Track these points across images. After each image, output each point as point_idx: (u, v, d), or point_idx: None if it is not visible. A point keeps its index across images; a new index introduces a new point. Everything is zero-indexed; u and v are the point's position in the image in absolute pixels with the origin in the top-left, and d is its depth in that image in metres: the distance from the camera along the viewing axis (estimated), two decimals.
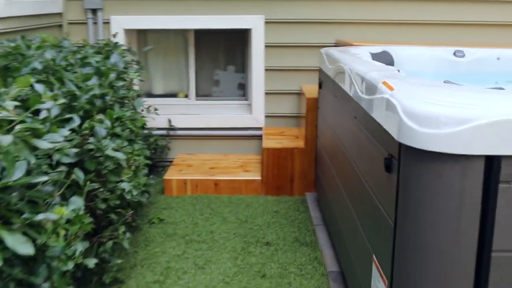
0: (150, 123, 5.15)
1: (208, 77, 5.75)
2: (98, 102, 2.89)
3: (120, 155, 2.56)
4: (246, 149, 5.48)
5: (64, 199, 2.26)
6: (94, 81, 2.93)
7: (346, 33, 5.18)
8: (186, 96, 5.73)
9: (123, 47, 4.65)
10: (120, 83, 3.20)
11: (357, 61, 3.05)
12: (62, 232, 2.13)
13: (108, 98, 2.98)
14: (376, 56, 4.06)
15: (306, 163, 4.67)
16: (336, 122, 3.40)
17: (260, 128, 5.42)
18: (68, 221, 2.24)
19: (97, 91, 2.76)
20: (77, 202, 2.22)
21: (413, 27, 5.21)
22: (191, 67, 5.64)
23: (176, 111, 5.50)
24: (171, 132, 5.43)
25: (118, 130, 2.72)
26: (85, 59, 3.21)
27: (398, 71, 2.76)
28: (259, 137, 5.41)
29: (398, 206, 1.98)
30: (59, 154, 2.11)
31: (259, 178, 4.72)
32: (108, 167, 2.59)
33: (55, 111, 2.21)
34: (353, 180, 2.82)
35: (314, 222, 4.07)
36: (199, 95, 5.74)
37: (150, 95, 5.73)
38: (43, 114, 2.14)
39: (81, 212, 2.30)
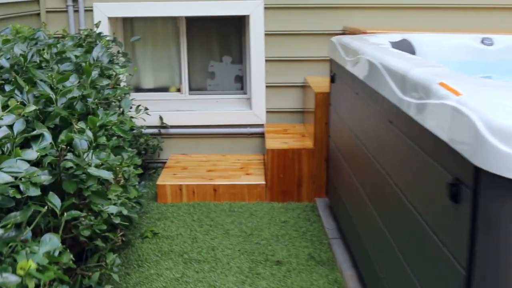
0: (140, 121, 4.64)
1: (202, 69, 5.23)
2: (78, 107, 2.38)
3: (105, 174, 2.05)
4: (246, 149, 4.98)
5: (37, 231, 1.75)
6: (73, 80, 2.41)
7: (355, 19, 4.67)
8: (179, 90, 5.22)
9: (107, 38, 4.13)
10: (105, 82, 2.68)
11: (387, 53, 2.54)
12: (32, 285, 1.63)
13: (90, 100, 2.47)
14: (396, 45, 3.58)
15: (315, 165, 4.18)
16: (358, 123, 2.91)
17: (261, 125, 4.92)
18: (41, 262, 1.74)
19: (76, 93, 2.25)
20: (51, 241, 1.72)
21: (432, 11, 4.71)
22: (183, 59, 5.13)
23: (167, 107, 4.99)
24: (163, 131, 4.92)
25: (102, 140, 2.22)
26: (63, 53, 2.69)
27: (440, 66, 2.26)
28: (261, 135, 4.92)
29: (474, 250, 1.49)
30: (24, 185, 1.60)
31: (263, 182, 4.22)
32: (92, 188, 2.07)
33: (19, 126, 1.69)
34: (386, 195, 2.34)
35: (329, 235, 3.58)
36: (193, 89, 5.23)
37: (138, 89, 5.22)
38: (2, 132, 1.63)
39: (58, 252, 1.79)
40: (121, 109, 3.21)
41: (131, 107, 4.43)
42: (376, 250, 2.57)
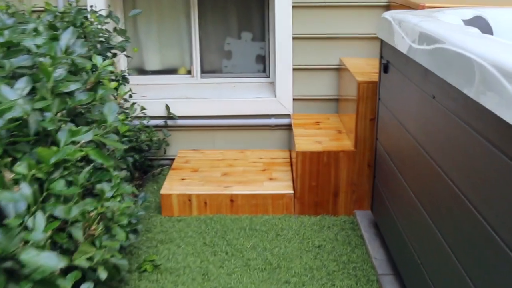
0: (144, 111, 3.84)
1: (217, 47, 4.37)
2: (32, 126, 1.55)
3: (50, 263, 1.22)
4: (269, 143, 4.15)
5: None
6: (22, 85, 1.59)
7: None
8: (189, 72, 4.36)
9: (100, 12, 3.30)
10: (74, 86, 1.84)
11: (497, 46, 1.68)
12: None
13: (48, 116, 1.64)
14: (469, 24, 2.71)
15: (356, 172, 3.35)
16: (429, 133, 2.10)
17: (287, 116, 4.08)
18: None
19: (18, 112, 1.42)
20: None
21: None
22: (194, 35, 4.28)
23: (175, 94, 4.16)
24: (170, 122, 4.09)
25: (59, 185, 1.38)
26: (11, 43, 1.85)
27: None
28: (287, 127, 4.09)
29: None
30: None
31: (291, 191, 3.40)
32: (34, 277, 1.26)
33: None
34: (460, 219, 1.51)
35: (378, 269, 2.77)
36: (206, 71, 4.38)
37: (142, 71, 4.38)
38: None
39: None
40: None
41: (126, 100, 3.61)
42: None
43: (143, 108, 3.82)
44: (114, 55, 3.67)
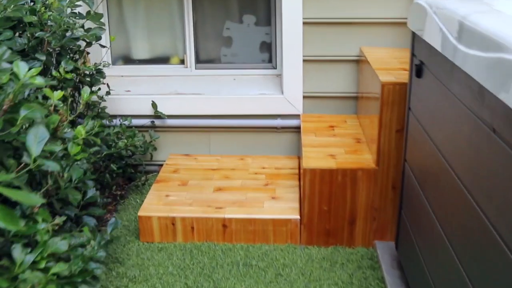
0: (126, 109, 3.21)
1: (215, 33, 3.70)
2: None
3: None
4: (274, 148, 3.50)
5: None
6: None
7: None
8: (182, 62, 3.69)
9: None
10: None
11: None
12: None
13: None
14: None
15: (378, 194, 2.68)
16: (479, 174, 1.46)
17: (296, 116, 3.42)
18: None
19: None
20: None
21: None
22: (187, 18, 3.63)
23: (165, 88, 3.53)
24: (158, 122, 3.44)
25: None
26: None
27: None
28: (295, 129, 3.44)
29: None
30: None
31: (297, 217, 2.75)
32: None
33: None
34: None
35: None
36: (201, 60, 3.71)
37: (129, 60, 3.72)
38: None
39: None
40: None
41: (102, 98, 2.97)
42: None
43: (111, 117, 3.18)
44: (89, 44, 3.02)
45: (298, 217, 2.79)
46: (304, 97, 3.43)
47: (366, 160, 2.76)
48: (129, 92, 3.50)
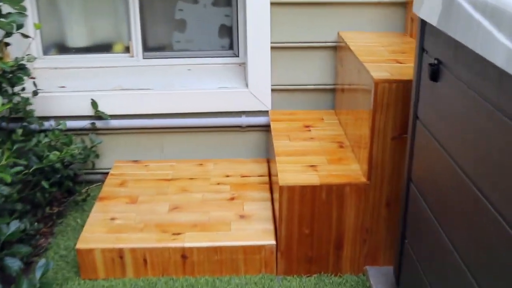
0: (60, 109, 2.67)
1: (166, 15, 3.14)
2: None
3: None
4: (238, 150, 3.00)
5: None
6: None
7: None
8: (128, 50, 3.12)
9: None
10: None
11: None
12: None
13: None
14: None
15: (369, 213, 2.22)
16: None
17: (264, 113, 2.90)
18: None
19: None
20: None
21: None
22: None
23: (107, 83, 2.98)
24: (100, 124, 2.87)
25: None
26: None
27: None
28: (263, 128, 2.93)
29: None
30: None
31: (272, 242, 2.25)
32: None
33: None
34: None
35: None
36: (150, 48, 3.15)
37: (63, 49, 3.13)
38: None
39: None
40: None
41: (28, 101, 2.40)
42: None
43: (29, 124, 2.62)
44: (8, 34, 2.44)
45: (274, 242, 2.29)
46: (272, 90, 2.92)
47: (354, 172, 2.26)
48: (64, 89, 2.92)
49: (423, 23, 1.71)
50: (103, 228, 2.40)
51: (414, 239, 1.88)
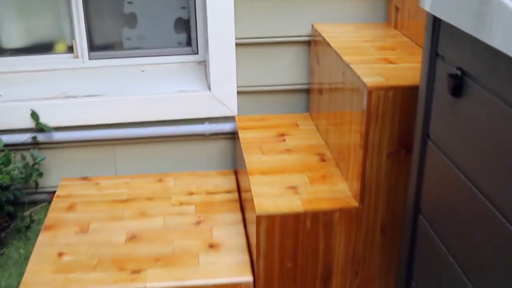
0: None
1: (113, 9, 2.74)
2: None
3: None
4: (202, 162, 2.65)
5: None
6: None
7: None
8: (71, 50, 2.70)
9: None
10: None
11: None
12: None
13: None
14: None
15: (361, 241, 1.93)
16: None
17: (230, 119, 2.55)
18: None
19: None
20: None
21: None
22: None
23: (48, 90, 2.61)
24: (41, 137, 2.48)
25: None
26: None
27: None
28: (229, 135, 2.57)
29: None
30: None
31: (249, 278, 1.91)
32: None
33: None
34: None
35: None
36: (97, 47, 2.76)
37: None
38: None
39: None
40: None
41: None
42: None
43: None
44: None
45: (251, 278, 1.95)
46: (238, 93, 2.56)
47: (342, 194, 1.92)
48: None
49: (436, 21, 1.37)
50: (49, 267, 2.03)
51: (424, 280, 1.56)
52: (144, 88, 2.58)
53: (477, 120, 1.19)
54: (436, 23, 1.38)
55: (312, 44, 2.47)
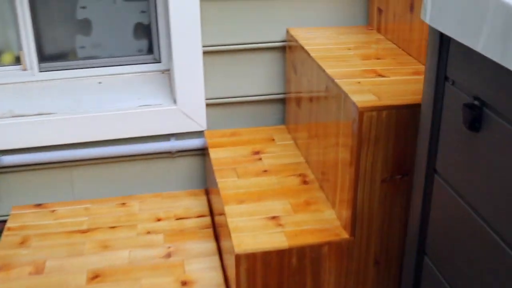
0: None
1: (65, 14, 2.47)
2: None
3: None
4: (168, 181, 2.43)
5: None
6: None
7: None
8: (18, 61, 2.42)
9: None
10: None
11: None
12: None
13: None
14: None
15: (353, 275, 1.72)
16: None
17: (198, 134, 2.30)
18: None
19: None
20: None
21: None
22: None
23: None
24: None
25: None
26: None
27: None
28: (198, 152, 2.35)
29: None
30: None
31: None
32: None
33: None
34: None
35: None
36: (47, 57, 2.50)
37: None
38: None
39: None
40: None
41: None
42: None
43: None
44: None
45: None
46: (207, 105, 2.31)
47: (330, 224, 1.71)
48: None
49: (444, 38, 1.15)
50: None
51: None
52: (102, 103, 2.32)
53: (498, 157, 0.98)
54: (444, 41, 1.16)
55: (288, 50, 2.24)
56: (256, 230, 1.70)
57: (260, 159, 2.11)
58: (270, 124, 2.39)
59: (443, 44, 1.17)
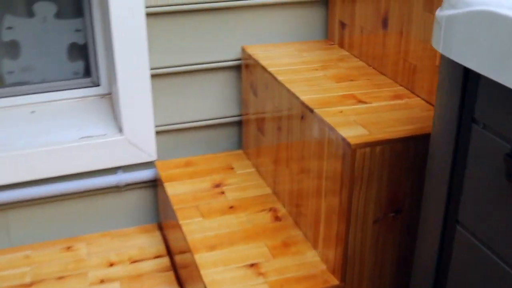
0: None
1: None
2: None
3: None
4: (118, 218, 2.21)
5: None
6: None
7: None
8: None
9: None
10: None
11: None
12: None
13: None
14: None
15: None
16: None
17: (148, 164, 2.07)
18: None
19: None
20: None
21: None
22: None
23: None
24: None
25: None
26: None
27: None
28: (148, 184, 2.10)
29: None
30: None
31: None
32: None
33: None
34: None
35: None
36: None
37: None
38: None
39: None
40: None
41: None
42: None
43: None
44: None
45: None
46: (157, 133, 2.09)
47: (316, 268, 1.54)
48: None
49: (469, 74, 0.99)
50: None
51: None
52: (37, 136, 2.06)
53: None
54: (468, 76, 1.01)
55: (244, 70, 2.05)
56: (237, 282, 1.51)
57: (223, 192, 1.91)
58: (226, 150, 2.20)
59: (470, 81, 1.01)
